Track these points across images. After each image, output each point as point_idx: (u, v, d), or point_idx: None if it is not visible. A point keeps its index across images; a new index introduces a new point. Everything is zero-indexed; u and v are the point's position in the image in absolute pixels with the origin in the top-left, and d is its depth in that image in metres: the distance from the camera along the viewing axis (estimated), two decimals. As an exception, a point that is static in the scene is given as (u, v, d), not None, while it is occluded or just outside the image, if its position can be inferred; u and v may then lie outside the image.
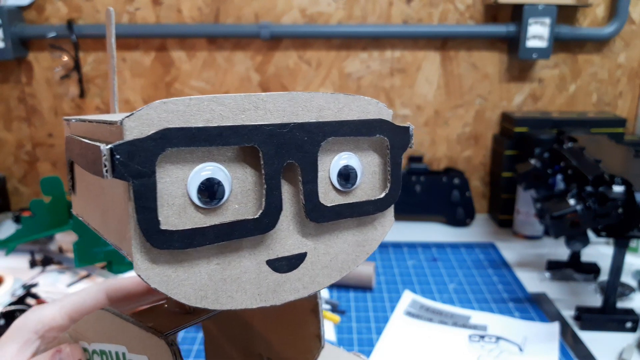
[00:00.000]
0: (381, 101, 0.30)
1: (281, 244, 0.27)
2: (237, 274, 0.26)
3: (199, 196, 0.24)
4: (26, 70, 1.04)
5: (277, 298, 0.27)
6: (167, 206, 0.24)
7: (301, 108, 0.27)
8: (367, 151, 0.30)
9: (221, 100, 0.24)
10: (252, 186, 0.26)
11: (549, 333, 0.66)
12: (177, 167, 0.24)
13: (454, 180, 1.03)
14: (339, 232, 0.29)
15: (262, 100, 0.25)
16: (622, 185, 0.62)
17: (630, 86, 1.05)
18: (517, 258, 0.89)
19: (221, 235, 0.25)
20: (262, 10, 1.01)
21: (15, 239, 0.85)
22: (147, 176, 0.23)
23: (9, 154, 1.10)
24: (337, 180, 0.29)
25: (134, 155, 0.22)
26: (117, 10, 1.01)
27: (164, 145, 0.23)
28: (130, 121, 0.22)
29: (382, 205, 0.30)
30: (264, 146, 0.25)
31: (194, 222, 0.24)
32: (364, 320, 0.70)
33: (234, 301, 0.26)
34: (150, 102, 0.23)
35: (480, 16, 1.01)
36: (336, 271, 0.30)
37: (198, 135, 0.24)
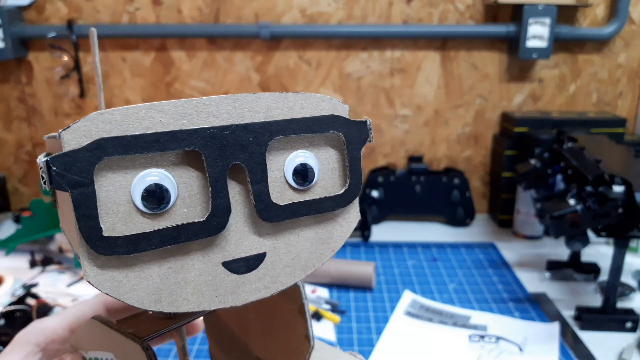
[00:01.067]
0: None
1: (237, 245, 0.27)
2: (192, 276, 0.26)
3: (144, 203, 0.24)
4: (26, 70, 1.04)
5: (236, 299, 0.27)
6: (112, 213, 0.24)
7: (247, 109, 0.26)
8: (324, 148, 0.30)
9: (160, 107, 0.24)
10: (199, 189, 0.26)
11: (549, 333, 0.66)
12: (119, 175, 0.24)
13: (454, 180, 1.03)
14: (299, 231, 0.29)
15: (204, 104, 0.25)
16: (622, 185, 0.62)
17: (630, 86, 1.05)
18: (517, 258, 0.89)
19: (167, 239, 0.25)
20: (262, 10, 1.01)
21: (15, 239, 0.85)
22: (85, 185, 0.23)
23: (9, 154, 1.10)
24: (292, 179, 0.28)
25: (71, 166, 0.23)
26: (117, 10, 1.01)
27: (100, 154, 0.23)
28: (67, 134, 0.23)
29: (342, 201, 0.30)
30: (206, 149, 0.25)
31: (141, 228, 0.25)
32: (364, 320, 0.70)
33: (190, 304, 0.26)
34: (88, 114, 0.24)
35: (480, 16, 1.01)
36: (299, 270, 0.29)
37: (134, 143, 0.24)
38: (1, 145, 1.09)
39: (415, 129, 1.07)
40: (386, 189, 1.04)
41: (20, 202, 1.13)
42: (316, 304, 0.73)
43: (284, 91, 0.28)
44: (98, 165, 0.23)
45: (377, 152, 1.09)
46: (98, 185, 0.24)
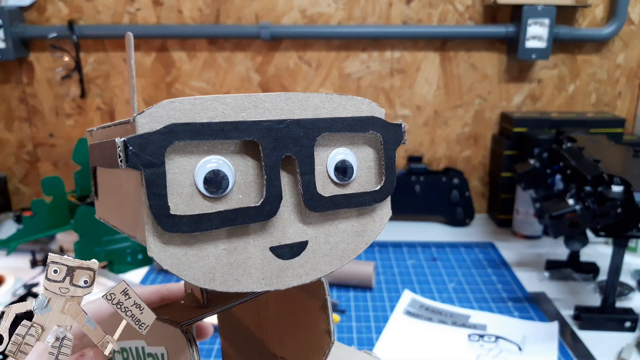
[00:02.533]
0: (381, 101, 0.31)
1: (283, 232, 0.29)
2: (243, 259, 0.28)
3: (205, 186, 0.26)
4: (27, 71, 1.05)
5: (280, 283, 0.29)
6: (176, 194, 0.26)
7: (297, 107, 0.29)
8: (362, 146, 0.32)
9: (223, 100, 0.27)
10: (254, 178, 0.28)
11: (548, 332, 0.66)
12: (184, 159, 0.26)
13: (453, 180, 1.03)
14: (338, 223, 0.31)
15: (261, 100, 0.27)
16: (621, 185, 0.62)
17: (629, 86, 1.05)
18: (516, 258, 0.89)
19: (226, 221, 0.27)
20: (262, 11, 1.01)
21: (16, 238, 0.85)
22: (157, 166, 0.25)
23: (10, 154, 1.10)
24: (334, 174, 0.30)
25: (145, 147, 0.24)
26: (118, 11, 1.01)
27: (171, 138, 0.25)
28: (141, 118, 0.25)
29: (378, 196, 0.32)
30: (263, 140, 0.27)
31: (201, 210, 0.26)
32: (363, 320, 0.70)
33: (240, 284, 0.28)
34: (159, 101, 0.25)
35: (479, 17, 1.01)
36: (337, 259, 0.31)
37: (202, 130, 0.26)
38: (2, 146, 1.10)
39: (414, 129, 1.07)
40: (386, 189, 1.04)
41: (21, 202, 1.13)
42: (316, 304, 0.74)
43: (307, 92, 0.30)
44: (168, 148, 0.25)
45: (377, 152, 1.09)
46: (166, 167, 0.25)
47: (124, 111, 1.07)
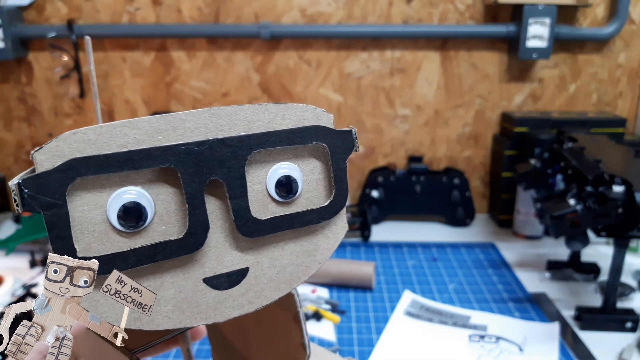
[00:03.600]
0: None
1: (218, 261, 0.27)
2: (172, 294, 0.26)
3: (120, 221, 0.24)
4: (26, 70, 1.04)
5: (219, 315, 0.27)
6: (87, 233, 0.24)
7: (226, 123, 0.26)
8: (308, 159, 0.29)
9: (135, 124, 0.24)
10: (177, 206, 0.26)
11: (549, 333, 0.66)
12: (93, 194, 0.24)
13: (454, 180, 1.03)
14: (283, 244, 0.28)
15: (181, 119, 0.25)
16: (622, 185, 0.62)
17: (630, 86, 1.05)
18: (517, 258, 0.89)
19: (143, 258, 0.24)
20: (262, 10, 1.01)
21: (15, 239, 0.85)
22: (58, 207, 0.23)
23: (9, 154, 1.10)
24: (275, 192, 0.28)
25: (43, 187, 0.22)
26: (117, 10, 1.01)
27: (73, 175, 0.23)
28: (40, 154, 0.23)
29: (327, 213, 0.29)
30: (181, 165, 0.25)
31: (118, 247, 0.24)
32: (364, 320, 0.70)
33: (170, 321, 0.26)
34: (60, 135, 0.23)
35: (480, 16, 1.01)
36: (284, 284, 0.28)
37: (107, 163, 0.23)
38: (1, 145, 1.09)
39: (415, 129, 1.07)
40: (386, 189, 1.04)
41: (20, 202, 1.13)
42: (316, 304, 0.73)
43: (267, 100, 0.27)
44: (71, 186, 0.23)
45: (377, 152, 1.09)
46: (72, 206, 0.23)
47: (123, 111, 1.06)
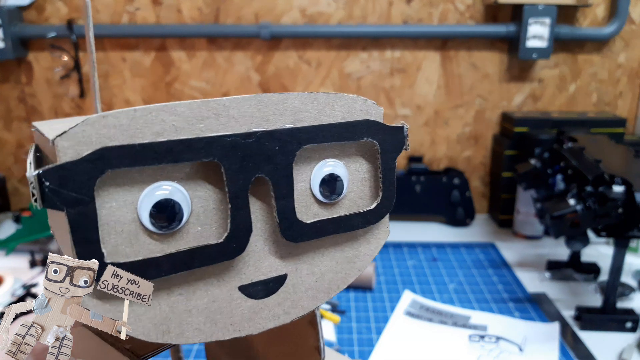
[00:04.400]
0: (381, 101, 0.28)
1: (255, 267, 0.24)
2: (205, 303, 0.23)
3: (153, 221, 0.21)
4: (26, 70, 1.04)
5: (253, 327, 0.24)
6: (115, 234, 0.21)
7: (272, 112, 0.23)
8: (355, 156, 0.27)
9: (173, 109, 0.21)
10: (216, 204, 0.23)
11: (549, 333, 0.66)
12: (124, 190, 0.21)
13: (454, 180, 1.03)
14: (324, 250, 0.26)
15: (224, 106, 0.22)
16: (622, 185, 0.62)
17: (630, 86, 1.05)
18: (517, 258, 0.89)
19: (178, 265, 0.22)
20: (262, 11, 1.01)
21: (15, 239, 0.85)
22: (85, 204, 0.20)
23: (9, 154, 1.10)
24: (319, 192, 0.26)
25: (67, 180, 0.19)
26: (117, 10, 1.01)
27: (103, 167, 0.20)
28: (63, 140, 0.19)
29: (373, 217, 0.27)
30: (226, 160, 0.22)
31: (149, 250, 0.22)
32: (364, 320, 0.70)
33: (202, 334, 0.23)
34: (88, 117, 0.20)
35: (480, 16, 1.01)
36: (323, 292, 0.26)
37: (142, 154, 0.20)
38: (1, 145, 1.09)
39: (415, 129, 1.07)
40: (386, 189, 1.03)
41: (20, 202, 1.13)
42: (316, 304, 0.73)
43: (299, 91, 0.25)
44: (100, 180, 0.20)
45: (377, 152, 1.09)
46: (99, 202, 0.20)
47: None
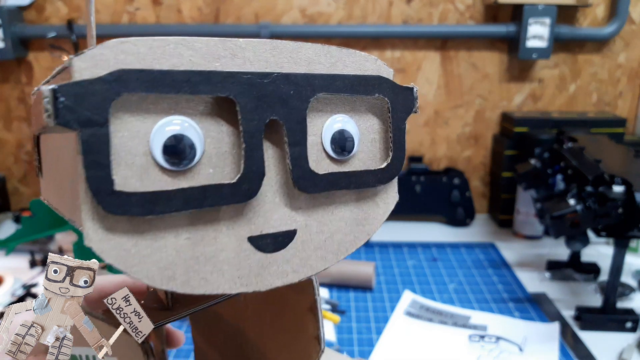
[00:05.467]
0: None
1: (265, 219, 0.23)
2: (212, 251, 0.22)
3: (165, 156, 0.20)
4: (26, 70, 1.04)
5: (260, 282, 0.23)
6: (124, 165, 0.20)
7: (286, 60, 0.23)
8: (365, 114, 0.26)
9: (191, 44, 0.21)
10: (229, 147, 0.22)
11: (549, 333, 0.66)
12: (137, 119, 0.20)
13: (454, 180, 1.03)
14: (334, 208, 0.25)
15: (240, 47, 0.22)
16: (622, 185, 0.62)
17: (630, 86, 1.05)
18: (517, 258, 0.89)
19: (191, 201, 0.21)
20: (262, 11, 1.01)
21: (15, 239, 0.85)
22: (99, 125, 0.19)
23: (9, 154, 1.10)
24: (330, 147, 0.25)
25: (83, 98, 0.18)
26: (117, 10, 1.01)
27: (119, 88, 0.19)
28: (80, 61, 0.19)
29: (383, 176, 0.26)
30: (242, 98, 0.21)
31: (158, 186, 0.21)
32: (364, 320, 0.70)
33: (208, 284, 0.22)
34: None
35: (480, 16, 1.01)
36: (332, 253, 0.26)
37: (161, 80, 0.20)
38: (1, 145, 1.09)
39: (415, 129, 1.07)
40: (386, 189, 1.03)
41: (20, 202, 1.13)
42: (316, 304, 0.73)
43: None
44: (115, 103, 0.19)
45: (377, 152, 1.09)
46: (112, 129, 0.20)
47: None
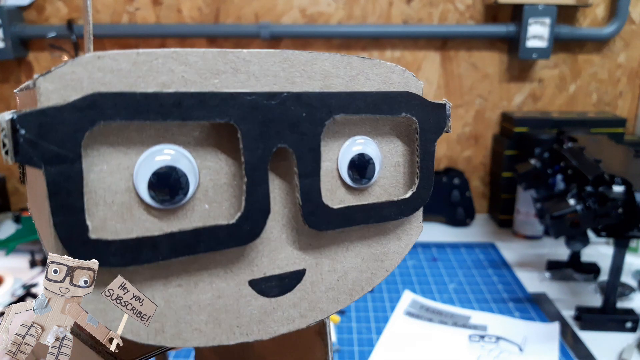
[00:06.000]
0: None
1: (270, 259, 0.21)
2: (208, 299, 0.19)
3: (152, 192, 0.18)
4: (26, 70, 1.04)
5: (263, 331, 0.21)
6: (103, 205, 0.17)
7: (299, 74, 0.20)
8: (389, 136, 0.23)
9: (184, 58, 0.18)
10: (229, 179, 0.19)
11: (549, 333, 0.66)
12: (118, 151, 0.17)
13: (454, 180, 1.03)
14: (349, 243, 0.22)
15: (244, 60, 0.19)
16: (622, 185, 0.62)
17: (630, 86, 1.05)
18: (517, 258, 0.89)
19: (180, 248, 0.18)
20: (262, 10, 1.01)
21: (15, 239, 0.85)
22: (69, 161, 0.16)
23: (9, 154, 1.10)
24: (347, 174, 0.22)
25: (49, 130, 0.15)
26: (117, 10, 1.01)
27: (94, 117, 0.16)
28: (46, 82, 0.16)
29: (407, 208, 0.23)
30: (244, 123, 0.18)
31: (144, 229, 0.18)
32: (364, 320, 0.70)
33: (202, 336, 0.19)
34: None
35: (480, 16, 1.01)
36: (345, 294, 0.22)
37: (145, 105, 0.17)
38: (1, 145, 1.09)
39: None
40: (386, 189, 1.03)
41: (20, 202, 1.13)
42: (316, 304, 0.73)
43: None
44: (90, 134, 0.16)
45: (377, 152, 1.09)
46: (86, 164, 0.17)
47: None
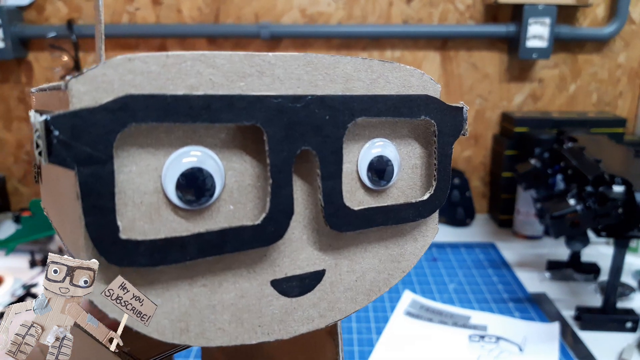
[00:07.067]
0: None
1: (291, 259, 0.21)
2: (231, 298, 0.20)
3: (179, 193, 0.18)
4: (26, 70, 1.04)
5: (284, 330, 0.21)
6: (132, 206, 0.18)
7: (322, 77, 0.20)
8: (407, 138, 0.24)
9: (211, 61, 0.18)
10: (253, 180, 0.20)
11: (549, 333, 0.66)
12: (147, 152, 0.18)
13: (453, 180, 1.03)
14: (368, 244, 0.23)
15: (269, 63, 0.19)
16: (622, 185, 0.62)
17: (630, 86, 1.05)
18: (517, 258, 0.89)
19: (207, 249, 0.19)
20: (262, 10, 1.01)
21: (15, 239, 0.85)
22: (101, 163, 0.16)
23: (9, 154, 1.10)
24: (367, 176, 0.22)
25: (82, 131, 0.16)
26: (117, 10, 1.01)
27: (126, 119, 0.16)
28: (78, 83, 0.16)
29: (425, 209, 0.24)
30: (270, 126, 0.19)
31: (171, 229, 0.19)
32: (364, 320, 0.70)
33: (225, 335, 0.20)
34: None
35: (480, 16, 1.01)
36: (363, 294, 0.23)
37: (175, 107, 0.17)
38: (1, 146, 1.09)
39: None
40: (386, 189, 1.03)
41: (20, 202, 1.13)
42: (316, 304, 0.73)
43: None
44: (121, 135, 0.17)
45: (377, 152, 1.09)
46: (117, 164, 0.17)
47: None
